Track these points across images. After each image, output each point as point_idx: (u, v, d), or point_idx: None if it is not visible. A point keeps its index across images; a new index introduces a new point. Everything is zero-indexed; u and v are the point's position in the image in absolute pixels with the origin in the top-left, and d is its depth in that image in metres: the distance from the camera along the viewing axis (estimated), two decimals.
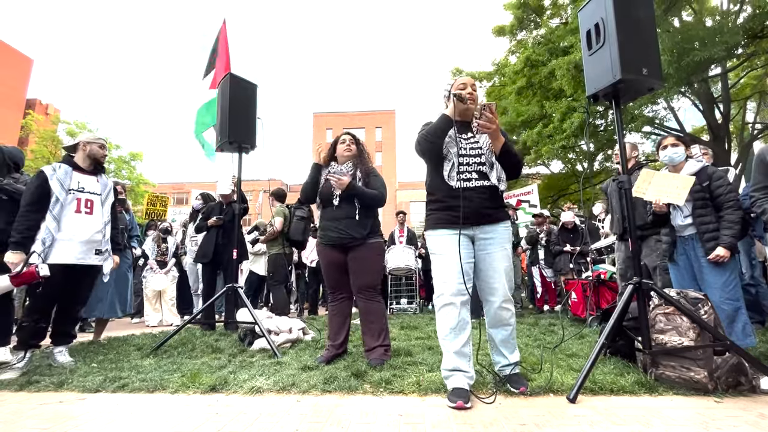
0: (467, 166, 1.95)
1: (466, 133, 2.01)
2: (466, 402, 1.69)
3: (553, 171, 16.61)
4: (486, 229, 1.94)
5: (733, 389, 1.83)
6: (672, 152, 2.68)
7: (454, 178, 1.93)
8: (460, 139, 1.97)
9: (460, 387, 1.77)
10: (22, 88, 28.87)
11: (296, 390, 1.96)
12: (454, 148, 1.95)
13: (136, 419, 1.66)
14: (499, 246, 1.93)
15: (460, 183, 1.92)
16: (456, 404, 1.67)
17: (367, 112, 38.55)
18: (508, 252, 1.95)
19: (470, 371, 1.84)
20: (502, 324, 1.95)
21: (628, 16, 2.04)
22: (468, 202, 1.90)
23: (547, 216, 6.99)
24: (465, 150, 1.97)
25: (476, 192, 1.93)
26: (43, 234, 2.49)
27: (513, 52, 13.56)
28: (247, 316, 3.12)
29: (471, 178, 1.94)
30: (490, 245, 1.93)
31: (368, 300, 2.57)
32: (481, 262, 1.95)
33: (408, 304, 6.25)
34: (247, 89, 3.50)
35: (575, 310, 4.62)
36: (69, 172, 2.67)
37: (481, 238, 1.95)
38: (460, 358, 1.83)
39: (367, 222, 2.57)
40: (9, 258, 2.39)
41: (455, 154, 1.94)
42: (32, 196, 2.53)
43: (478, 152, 1.96)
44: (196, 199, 5.04)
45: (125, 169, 22.55)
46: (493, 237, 1.94)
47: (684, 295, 2.08)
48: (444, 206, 1.96)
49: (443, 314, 1.89)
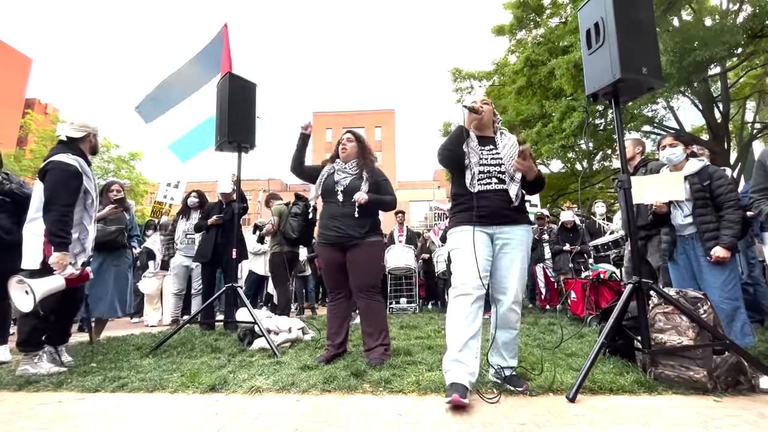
0: (487, 174, 2.03)
1: (487, 145, 2.10)
2: (463, 397, 1.62)
3: (552, 170, 16.62)
4: (505, 230, 1.99)
5: (733, 388, 1.83)
6: (669, 152, 2.68)
7: (475, 185, 2.02)
8: (482, 151, 2.07)
9: (457, 382, 1.71)
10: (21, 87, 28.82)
11: (296, 389, 1.95)
12: (475, 157, 2.04)
13: (136, 419, 1.66)
14: (517, 248, 1.97)
15: (480, 187, 2.02)
16: (451, 398, 1.61)
17: (367, 112, 38.51)
18: (524, 255, 1.99)
19: (472, 367, 1.78)
20: (508, 326, 1.97)
21: (628, 15, 2.04)
22: (487, 202, 1.99)
23: (546, 216, 6.99)
24: (486, 160, 2.05)
25: (496, 194, 2.01)
26: (80, 232, 2.46)
27: (512, 51, 13.56)
28: (246, 315, 3.12)
29: (491, 182, 2.02)
30: (507, 246, 1.98)
31: (368, 299, 2.57)
32: (498, 261, 1.99)
33: (408, 304, 6.25)
34: (247, 88, 3.49)
35: (575, 309, 4.63)
36: (87, 166, 2.60)
37: (499, 238, 2.00)
38: (464, 350, 1.79)
39: (366, 220, 2.57)
40: (57, 260, 2.32)
41: (476, 163, 2.04)
42: (73, 194, 2.42)
43: (498, 162, 2.05)
44: (193, 196, 5.02)
45: (125, 168, 22.53)
46: (511, 238, 1.98)
47: (683, 295, 2.08)
48: (465, 207, 2.03)
49: (456, 304, 1.89)
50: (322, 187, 2.65)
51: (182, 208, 5.15)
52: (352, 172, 2.62)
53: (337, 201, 2.58)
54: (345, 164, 2.65)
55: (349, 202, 2.54)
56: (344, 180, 2.59)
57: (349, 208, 2.53)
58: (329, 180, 2.63)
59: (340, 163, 2.67)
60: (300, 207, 4.58)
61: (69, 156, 2.48)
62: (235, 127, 3.29)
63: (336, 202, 2.58)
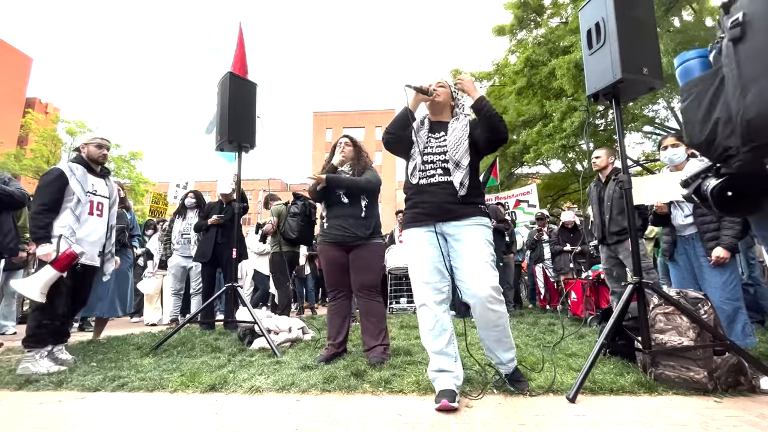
0: (431, 165, 1.89)
1: (438, 132, 1.97)
2: (452, 401, 1.62)
3: (552, 170, 16.62)
4: (452, 225, 1.83)
5: (733, 389, 1.83)
6: (671, 153, 2.68)
7: (416, 176, 1.90)
8: (429, 138, 1.95)
9: (445, 388, 1.69)
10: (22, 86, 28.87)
11: (296, 389, 1.95)
12: (420, 146, 1.93)
13: (136, 418, 1.66)
14: (469, 243, 1.78)
15: (423, 180, 1.89)
16: (440, 404, 1.61)
17: (367, 112, 38.46)
18: (480, 249, 1.77)
19: (456, 371, 1.77)
20: (489, 326, 1.80)
21: (629, 15, 2.04)
22: (429, 197, 1.85)
23: (546, 216, 6.99)
24: (431, 148, 1.92)
25: (440, 187, 1.85)
26: (64, 228, 2.55)
27: (513, 51, 13.55)
28: (246, 315, 3.12)
29: (434, 174, 1.87)
30: (458, 243, 1.81)
31: (368, 299, 2.58)
32: (454, 261, 1.82)
33: (408, 304, 6.25)
34: (247, 88, 3.50)
35: (575, 309, 4.62)
36: (85, 173, 2.73)
37: (450, 235, 1.84)
38: (443, 359, 1.78)
39: (371, 222, 2.63)
40: (42, 251, 2.46)
41: (419, 152, 1.92)
42: (52, 195, 2.56)
43: (443, 150, 1.89)
44: (190, 197, 5.03)
45: (125, 168, 22.54)
46: (461, 235, 1.81)
47: (684, 295, 2.08)
48: (411, 204, 1.94)
49: (420, 316, 1.86)
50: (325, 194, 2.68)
51: (179, 208, 5.17)
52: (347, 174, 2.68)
53: (338, 205, 2.61)
54: (341, 167, 2.72)
55: (352, 203, 2.59)
56: None
57: (354, 208, 2.59)
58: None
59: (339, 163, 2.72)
60: (299, 207, 4.59)
61: (70, 165, 2.71)
62: (236, 126, 3.29)
63: (338, 206, 2.61)
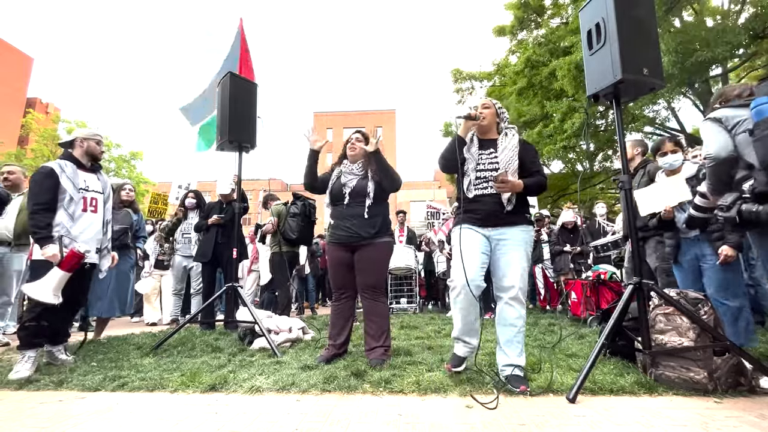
0: (483, 179, 2.12)
1: (488, 149, 2.17)
2: (456, 366, 2.10)
3: (553, 171, 16.61)
4: (500, 230, 2.08)
5: (733, 389, 1.82)
6: (672, 158, 2.69)
7: (472, 191, 2.13)
8: (481, 155, 2.16)
9: (457, 354, 2.13)
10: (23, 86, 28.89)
11: (296, 389, 1.95)
12: (473, 163, 2.15)
13: (136, 418, 1.66)
14: (513, 246, 2.04)
15: (477, 192, 2.13)
16: (446, 366, 2.12)
17: (368, 112, 38.46)
18: (522, 254, 2.04)
19: (473, 343, 2.12)
20: (506, 323, 2.02)
21: (629, 15, 2.04)
22: (481, 206, 2.10)
23: (546, 216, 6.98)
24: (483, 165, 2.14)
25: (492, 197, 2.09)
26: (59, 227, 2.51)
27: (513, 52, 13.55)
28: (246, 315, 3.12)
29: (487, 187, 2.11)
30: (503, 244, 2.06)
31: (373, 300, 2.57)
32: (496, 261, 2.08)
33: (408, 304, 6.25)
34: (247, 88, 3.50)
35: (575, 310, 4.62)
36: (75, 170, 2.67)
37: (495, 239, 2.09)
38: (464, 330, 2.10)
39: (376, 220, 2.57)
40: (48, 252, 2.42)
41: (473, 169, 2.14)
42: (46, 194, 2.52)
43: (495, 167, 2.11)
44: (190, 197, 5.03)
45: (125, 168, 22.56)
46: (507, 237, 2.06)
47: (684, 296, 2.07)
48: (465, 209, 2.15)
49: (452, 296, 2.08)
50: (331, 191, 2.67)
51: (183, 212, 5.17)
52: (358, 173, 2.63)
53: (343, 205, 2.59)
54: (352, 165, 2.67)
55: (356, 203, 2.56)
56: (351, 182, 2.61)
57: (358, 208, 2.55)
58: (337, 184, 2.66)
59: (347, 165, 2.69)
60: (298, 207, 4.59)
61: (59, 162, 2.64)
62: (236, 126, 3.29)
63: (342, 205, 2.60)
